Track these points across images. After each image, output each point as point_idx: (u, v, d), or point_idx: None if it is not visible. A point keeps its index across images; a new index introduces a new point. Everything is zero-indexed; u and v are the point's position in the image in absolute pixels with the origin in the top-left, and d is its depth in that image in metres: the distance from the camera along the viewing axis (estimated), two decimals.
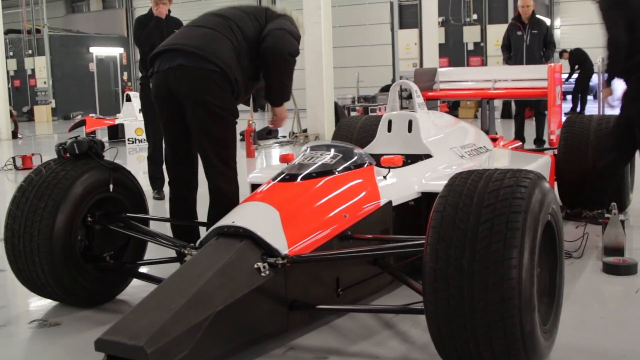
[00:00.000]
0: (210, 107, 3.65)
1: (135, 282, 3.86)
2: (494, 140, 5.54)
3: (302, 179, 3.34)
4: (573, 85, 17.97)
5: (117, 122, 14.27)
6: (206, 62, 3.63)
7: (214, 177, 3.78)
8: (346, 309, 3.29)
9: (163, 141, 6.96)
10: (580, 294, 3.70)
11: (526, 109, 10.48)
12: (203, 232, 3.41)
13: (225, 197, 3.75)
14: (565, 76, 18.45)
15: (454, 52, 19.56)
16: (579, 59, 17.60)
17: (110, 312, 3.58)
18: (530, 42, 9.81)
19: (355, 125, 5.90)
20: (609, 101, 5.59)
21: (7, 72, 23.46)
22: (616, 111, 5.33)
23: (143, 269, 3.95)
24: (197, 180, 4.02)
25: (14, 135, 16.33)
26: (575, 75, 17.94)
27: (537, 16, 10.22)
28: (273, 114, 4.09)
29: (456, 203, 2.49)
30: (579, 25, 22.73)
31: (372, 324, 3.26)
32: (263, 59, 3.80)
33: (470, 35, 19.65)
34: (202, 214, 3.93)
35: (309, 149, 3.64)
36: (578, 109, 17.23)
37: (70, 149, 3.60)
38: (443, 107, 16.02)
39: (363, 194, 3.44)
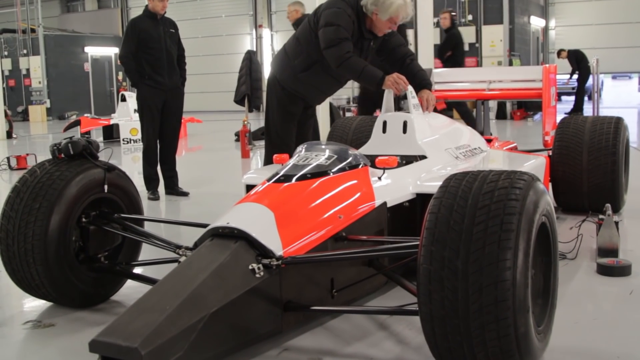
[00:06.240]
0: None
1: (129, 283, 3.85)
2: (488, 141, 5.55)
3: (297, 180, 3.33)
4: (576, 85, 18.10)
5: (112, 122, 14.27)
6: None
7: None
8: (341, 310, 3.28)
9: (157, 142, 7.03)
10: (574, 295, 3.71)
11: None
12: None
13: None
14: (567, 77, 18.59)
15: None
16: (576, 58, 17.67)
17: (105, 313, 3.58)
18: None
19: (350, 126, 5.90)
20: None
21: (2, 71, 23.56)
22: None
23: (137, 270, 3.95)
24: None
25: (9, 135, 16.31)
26: (576, 76, 18.05)
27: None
28: None
29: (451, 204, 2.49)
30: (574, 26, 22.80)
31: (367, 325, 3.26)
32: None
33: (466, 36, 19.61)
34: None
35: (303, 150, 3.64)
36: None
37: (65, 149, 3.59)
38: (440, 105, 16.00)
39: (358, 195, 3.44)
